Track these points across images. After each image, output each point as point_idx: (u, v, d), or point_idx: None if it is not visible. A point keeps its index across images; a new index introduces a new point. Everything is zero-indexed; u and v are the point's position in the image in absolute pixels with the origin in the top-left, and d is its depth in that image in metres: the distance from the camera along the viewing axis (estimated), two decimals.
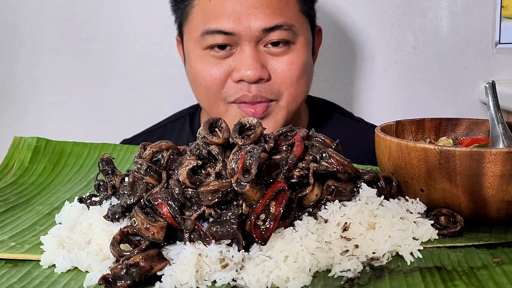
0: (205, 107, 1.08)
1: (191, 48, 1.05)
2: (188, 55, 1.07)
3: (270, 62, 1.01)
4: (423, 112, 1.56)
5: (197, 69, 1.03)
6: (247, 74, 0.98)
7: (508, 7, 1.49)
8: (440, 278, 0.52)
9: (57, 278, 0.56)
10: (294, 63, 1.02)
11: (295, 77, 1.02)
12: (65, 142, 0.95)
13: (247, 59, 0.98)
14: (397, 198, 0.63)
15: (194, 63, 1.04)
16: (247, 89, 1.00)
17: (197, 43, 1.02)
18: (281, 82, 1.02)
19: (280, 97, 1.03)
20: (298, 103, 1.06)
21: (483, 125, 0.78)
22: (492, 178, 0.60)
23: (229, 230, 0.54)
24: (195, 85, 1.06)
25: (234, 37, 0.99)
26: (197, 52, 1.03)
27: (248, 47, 0.99)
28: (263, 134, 0.60)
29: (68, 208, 0.68)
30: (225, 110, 1.04)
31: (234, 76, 1.00)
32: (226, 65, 1.01)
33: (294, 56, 1.02)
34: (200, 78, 1.03)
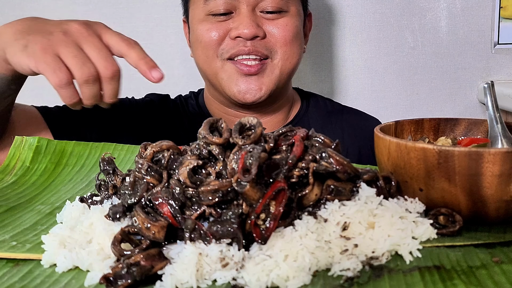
0: (203, 63, 1.16)
1: (195, 15, 1.16)
2: (192, 23, 1.18)
3: (265, 24, 1.13)
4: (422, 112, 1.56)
5: (199, 29, 1.14)
6: (244, 31, 1.09)
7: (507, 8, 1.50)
8: (439, 277, 0.52)
9: (58, 278, 0.57)
10: (288, 25, 1.14)
11: (288, 37, 1.13)
12: (66, 142, 0.95)
13: (244, 18, 1.10)
14: (396, 197, 0.64)
15: (196, 26, 1.15)
16: (243, 44, 1.11)
17: (201, 9, 1.14)
18: (275, 41, 1.13)
19: (274, 55, 1.13)
20: (292, 64, 1.15)
21: (481, 125, 0.78)
22: (491, 178, 0.60)
23: (230, 229, 0.55)
24: (196, 45, 1.16)
25: (233, 1, 1.11)
26: (200, 17, 1.14)
27: (246, 9, 1.11)
28: (263, 134, 0.60)
29: (69, 208, 0.68)
30: (221, 66, 1.14)
31: (231, 34, 1.11)
32: (225, 25, 1.12)
33: (287, 19, 1.14)
34: (201, 36, 1.14)
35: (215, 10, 1.12)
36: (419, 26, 1.53)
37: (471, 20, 1.52)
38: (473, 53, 1.55)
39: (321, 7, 1.52)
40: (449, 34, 1.53)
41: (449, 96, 1.57)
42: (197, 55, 1.18)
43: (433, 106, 1.57)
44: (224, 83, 1.14)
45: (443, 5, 1.52)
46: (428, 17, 1.53)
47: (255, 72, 1.12)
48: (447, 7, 1.52)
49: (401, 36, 1.53)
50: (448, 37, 1.53)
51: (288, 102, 1.27)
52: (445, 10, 1.52)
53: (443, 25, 1.53)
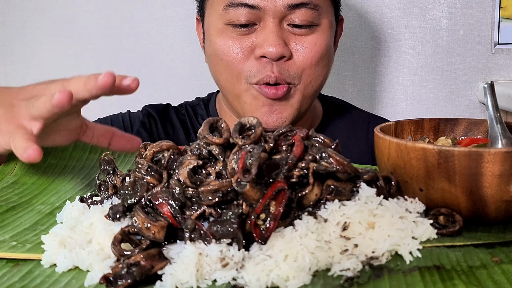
0: (224, 84, 1.05)
1: (212, 22, 1.02)
2: (208, 30, 1.05)
3: (292, 41, 1.00)
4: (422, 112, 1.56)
5: (218, 44, 1.01)
6: (269, 50, 0.96)
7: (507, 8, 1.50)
8: (439, 277, 0.52)
9: (58, 278, 0.57)
10: (317, 44, 1.01)
11: (316, 58, 1.00)
12: None
13: (270, 34, 0.97)
14: (396, 197, 0.64)
15: (214, 38, 1.02)
16: (270, 68, 0.98)
17: (219, 16, 1.00)
18: (301, 62, 1.00)
19: (299, 80, 1.01)
20: (315, 88, 1.05)
21: (481, 125, 0.78)
22: (491, 178, 0.60)
23: (230, 229, 0.55)
24: (215, 61, 1.03)
25: (258, 11, 0.97)
26: (219, 26, 1.01)
27: (272, 23, 0.97)
28: (263, 134, 0.60)
29: (69, 208, 0.68)
30: (245, 89, 1.01)
31: (256, 53, 0.98)
32: (249, 41, 0.99)
33: (317, 37, 1.01)
34: (221, 53, 1.00)
35: (236, 20, 0.98)
36: (419, 26, 1.53)
37: (471, 20, 1.52)
38: (473, 53, 1.55)
39: None
40: (449, 34, 1.53)
41: (449, 96, 1.57)
42: (217, 72, 1.04)
43: (433, 106, 1.57)
44: (246, 107, 1.03)
45: (443, 5, 1.52)
46: (428, 17, 1.53)
47: (281, 95, 1.00)
48: (447, 7, 1.52)
49: (401, 36, 1.53)
50: (448, 37, 1.53)
51: (310, 116, 1.16)
52: (445, 10, 1.52)
53: (443, 25, 1.53)
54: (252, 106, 1.02)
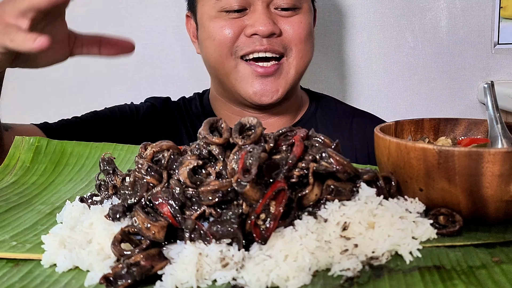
0: (216, 62, 1.13)
1: (205, 12, 1.13)
2: (201, 19, 1.15)
3: (280, 21, 1.11)
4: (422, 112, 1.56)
5: (212, 26, 1.12)
6: (260, 28, 1.07)
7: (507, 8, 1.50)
8: (439, 277, 0.52)
9: (58, 278, 0.57)
10: (302, 22, 1.13)
11: (303, 34, 1.12)
12: (66, 142, 0.95)
13: (260, 15, 1.08)
14: (396, 197, 0.64)
15: (208, 23, 1.12)
16: (260, 43, 1.09)
17: (212, 6, 1.11)
18: (290, 39, 1.11)
19: (289, 53, 1.12)
20: (305, 63, 1.15)
21: (481, 125, 0.78)
22: (491, 178, 0.60)
23: (230, 229, 0.55)
24: (208, 42, 1.13)
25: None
26: (212, 13, 1.12)
27: (261, 6, 1.09)
28: (263, 134, 0.60)
29: (69, 208, 0.68)
30: (234, 66, 1.11)
31: (247, 31, 1.09)
32: (240, 22, 1.10)
33: (301, 17, 1.13)
34: (214, 33, 1.11)
35: (228, 6, 1.10)
36: (419, 26, 1.53)
37: (471, 20, 1.52)
38: (473, 53, 1.55)
39: (320, 7, 1.52)
40: (449, 34, 1.53)
41: (449, 96, 1.57)
42: (208, 53, 1.15)
43: (433, 106, 1.57)
44: (238, 84, 1.12)
45: (443, 5, 1.52)
46: (428, 17, 1.53)
47: (271, 73, 1.10)
48: (447, 7, 1.52)
49: (401, 36, 1.53)
50: (448, 37, 1.53)
51: (297, 102, 1.25)
52: (445, 10, 1.52)
53: (443, 25, 1.53)
54: (243, 84, 1.12)
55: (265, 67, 1.10)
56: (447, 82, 1.56)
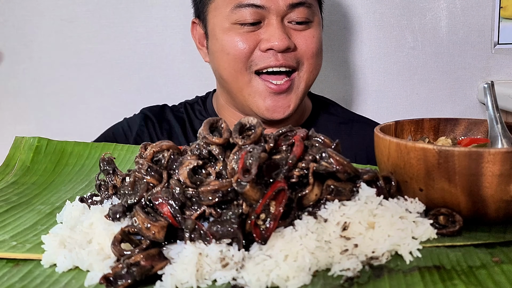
0: (229, 76, 1.12)
1: (218, 23, 1.11)
2: (213, 31, 1.13)
3: (293, 35, 1.10)
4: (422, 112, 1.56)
5: (225, 40, 1.10)
6: (276, 43, 1.06)
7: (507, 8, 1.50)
8: (439, 277, 0.52)
9: (58, 278, 0.57)
10: (315, 36, 1.13)
11: (315, 48, 1.12)
12: (66, 142, 0.95)
13: (276, 30, 1.07)
14: (396, 197, 0.64)
15: (221, 35, 1.11)
16: (275, 58, 1.08)
17: (226, 17, 1.10)
18: (303, 52, 1.11)
19: (301, 67, 1.12)
20: (315, 76, 1.15)
21: (481, 125, 0.78)
22: (491, 178, 0.60)
23: (230, 229, 0.55)
24: (221, 56, 1.11)
25: (263, 11, 1.07)
26: (225, 25, 1.10)
27: (275, 20, 1.08)
28: (263, 134, 0.60)
29: (69, 208, 0.68)
30: (248, 81, 1.10)
31: (262, 46, 1.08)
32: (254, 36, 1.09)
33: (313, 31, 1.13)
34: (228, 47, 1.09)
35: (242, 19, 1.07)
36: (419, 26, 1.53)
37: (471, 20, 1.52)
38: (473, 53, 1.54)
39: None
40: (449, 34, 1.53)
41: (449, 96, 1.57)
42: (221, 66, 1.12)
43: (433, 106, 1.57)
44: (251, 99, 1.11)
45: (443, 5, 1.52)
46: (428, 17, 1.53)
47: (284, 90, 1.10)
48: (447, 7, 1.52)
49: (401, 36, 1.53)
50: (448, 37, 1.53)
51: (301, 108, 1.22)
52: (445, 10, 1.52)
53: (443, 25, 1.53)
54: (256, 99, 1.10)
55: (279, 85, 1.09)
56: (447, 82, 1.56)
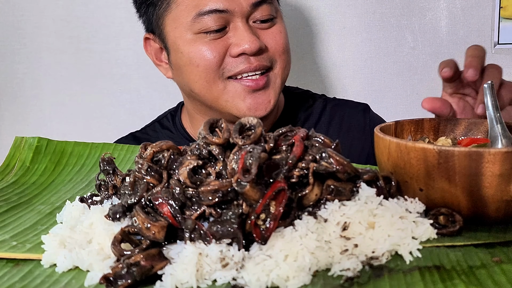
0: (201, 89, 1.07)
1: (179, 35, 1.06)
2: (175, 44, 1.07)
3: (261, 35, 1.07)
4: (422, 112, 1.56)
5: (192, 52, 1.04)
6: (246, 47, 1.02)
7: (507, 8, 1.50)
8: (439, 277, 0.52)
9: (58, 278, 0.57)
10: (282, 31, 1.10)
11: (284, 44, 1.10)
12: (66, 142, 0.95)
13: (244, 33, 1.03)
14: (396, 197, 0.64)
15: (187, 48, 1.05)
16: (247, 61, 1.04)
17: (188, 28, 1.04)
18: (274, 50, 1.08)
19: (274, 64, 1.09)
20: (288, 71, 1.13)
21: (481, 125, 0.78)
22: (491, 177, 0.60)
23: (230, 229, 0.55)
24: (190, 69, 1.06)
25: (226, 14, 1.02)
26: (188, 37, 1.05)
27: (241, 22, 1.04)
28: (263, 134, 0.60)
29: (69, 208, 0.68)
30: (223, 88, 1.06)
31: (233, 51, 1.03)
32: (222, 43, 1.04)
33: (279, 26, 1.10)
34: (197, 59, 1.04)
35: (206, 27, 1.02)
36: (419, 26, 1.53)
37: (471, 20, 1.52)
38: None
39: (320, 7, 1.52)
40: (449, 34, 1.53)
41: None
42: (191, 80, 1.07)
43: None
44: (229, 104, 1.07)
45: (443, 5, 1.52)
46: (428, 17, 1.53)
47: (262, 85, 1.06)
48: (447, 7, 1.52)
49: (401, 36, 1.53)
50: (448, 37, 1.53)
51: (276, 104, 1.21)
52: (445, 10, 1.52)
53: (443, 25, 1.53)
54: (235, 102, 1.06)
55: (255, 80, 1.05)
56: None
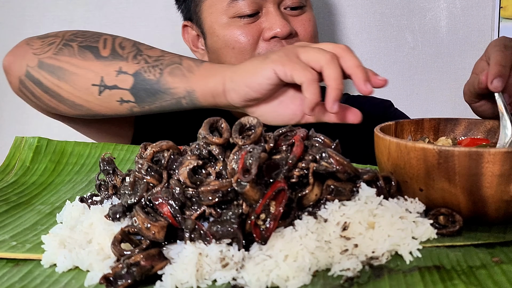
0: None
1: (215, 20, 1.12)
2: (211, 28, 1.13)
3: (291, 21, 1.11)
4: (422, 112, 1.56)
5: (227, 35, 1.10)
6: (278, 30, 1.07)
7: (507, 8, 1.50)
8: (439, 277, 0.52)
9: (58, 278, 0.57)
10: (311, 20, 1.14)
11: (313, 32, 1.14)
12: (66, 142, 0.95)
13: (276, 17, 1.08)
14: (396, 197, 0.64)
15: (222, 31, 1.11)
16: (280, 45, 1.08)
17: (223, 12, 1.10)
18: (303, 37, 1.12)
19: None
20: None
21: (481, 125, 0.78)
22: (491, 178, 0.60)
23: (230, 229, 0.55)
24: (226, 51, 1.12)
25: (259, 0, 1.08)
26: (223, 21, 1.11)
27: (273, 8, 1.09)
28: (263, 134, 0.60)
29: (69, 208, 0.68)
30: None
31: (265, 35, 1.08)
32: (256, 27, 1.09)
33: (309, 14, 1.14)
34: (232, 42, 1.10)
35: (240, 12, 1.08)
36: (419, 26, 1.53)
37: (471, 20, 1.52)
38: (473, 53, 1.54)
39: (320, 7, 1.52)
40: (449, 34, 1.53)
41: (449, 96, 1.56)
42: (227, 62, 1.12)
43: (433, 106, 1.57)
44: None
45: (443, 5, 1.52)
46: (428, 17, 1.53)
47: None
48: (447, 7, 1.52)
49: (401, 36, 1.53)
50: (448, 37, 1.53)
51: None
52: (445, 10, 1.52)
53: (443, 25, 1.53)
54: None
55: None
56: (447, 82, 1.56)
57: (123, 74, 0.89)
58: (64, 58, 0.92)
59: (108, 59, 0.91)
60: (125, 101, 0.91)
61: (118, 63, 0.90)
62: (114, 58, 0.91)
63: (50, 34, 0.99)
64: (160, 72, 0.88)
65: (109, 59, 0.91)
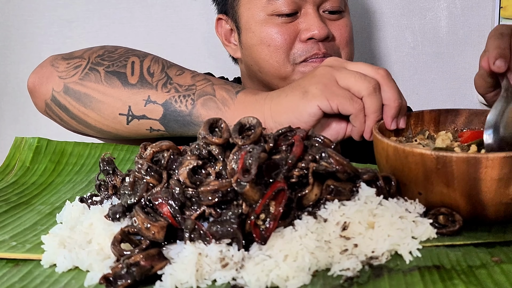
0: (270, 68, 1.12)
1: (252, 16, 1.11)
2: (247, 23, 1.13)
3: (329, 24, 1.11)
4: None
5: (264, 32, 1.10)
6: (316, 32, 1.07)
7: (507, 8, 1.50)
8: (439, 277, 0.52)
9: (58, 278, 0.57)
10: (348, 26, 1.15)
11: (349, 37, 1.15)
12: (66, 142, 0.95)
13: (314, 19, 1.08)
14: (396, 197, 0.63)
15: (258, 28, 1.10)
16: (317, 48, 1.08)
17: (261, 9, 1.10)
18: (339, 41, 1.13)
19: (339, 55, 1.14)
20: None
21: (482, 116, 0.77)
22: (490, 182, 0.60)
23: (229, 229, 0.55)
24: (261, 48, 1.11)
25: (299, 0, 1.08)
26: (260, 17, 1.10)
27: (312, 9, 1.09)
28: (263, 134, 0.60)
29: (69, 208, 0.68)
30: (291, 70, 1.10)
31: (302, 36, 1.08)
32: (293, 27, 1.09)
33: (346, 20, 1.15)
34: (268, 40, 1.09)
35: (279, 10, 1.08)
36: (419, 26, 1.53)
37: (471, 20, 1.52)
38: (473, 53, 1.54)
39: None
40: (449, 34, 1.53)
41: (449, 96, 1.56)
42: (261, 59, 1.11)
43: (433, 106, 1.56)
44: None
45: (443, 5, 1.52)
46: (428, 17, 1.53)
47: None
48: (447, 7, 1.52)
49: (401, 36, 1.53)
50: (448, 37, 1.53)
51: None
52: (445, 10, 1.52)
53: (443, 25, 1.53)
54: None
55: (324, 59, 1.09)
56: (447, 82, 1.56)
57: (152, 103, 0.87)
58: (91, 85, 0.90)
59: (136, 86, 0.89)
60: (155, 130, 0.89)
61: (146, 91, 0.88)
62: (142, 85, 0.89)
63: (76, 54, 0.96)
64: (192, 104, 0.87)
65: (137, 86, 0.89)
